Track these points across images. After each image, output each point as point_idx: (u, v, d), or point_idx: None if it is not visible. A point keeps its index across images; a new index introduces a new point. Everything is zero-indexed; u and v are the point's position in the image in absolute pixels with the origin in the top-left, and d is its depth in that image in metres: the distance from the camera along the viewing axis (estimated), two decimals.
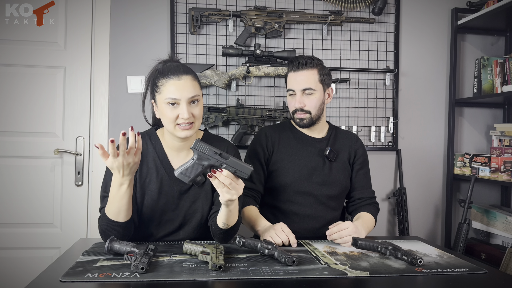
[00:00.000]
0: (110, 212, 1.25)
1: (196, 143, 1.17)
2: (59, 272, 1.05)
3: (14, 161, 2.09)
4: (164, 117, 1.31)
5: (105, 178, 1.37)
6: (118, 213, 1.24)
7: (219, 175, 1.15)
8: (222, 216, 1.26)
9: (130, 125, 1.24)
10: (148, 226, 1.39)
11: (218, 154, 1.16)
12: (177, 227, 1.41)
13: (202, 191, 1.41)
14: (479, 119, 2.45)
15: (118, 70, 2.16)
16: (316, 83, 1.60)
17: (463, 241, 2.11)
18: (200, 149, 1.17)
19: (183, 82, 1.30)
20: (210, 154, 1.16)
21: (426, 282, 1.09)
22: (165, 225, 1.40)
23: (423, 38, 2.39)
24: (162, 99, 1.30)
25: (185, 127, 1.30)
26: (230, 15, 2.15)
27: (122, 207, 1.24)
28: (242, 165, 1.16)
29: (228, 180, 1.15)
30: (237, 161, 1.16)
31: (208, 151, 1.16)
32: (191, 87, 1.30)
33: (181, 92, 1.28)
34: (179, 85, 1.29)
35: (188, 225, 1.41)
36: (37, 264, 1.97)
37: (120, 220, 1.25)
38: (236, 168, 1.16)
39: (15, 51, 2.09)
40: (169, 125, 1.31)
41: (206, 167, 1.17)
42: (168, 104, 1.29)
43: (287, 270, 1.10)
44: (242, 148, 2.10)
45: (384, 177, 2.37)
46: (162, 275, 1.04)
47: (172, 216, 1.39)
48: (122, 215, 1.25)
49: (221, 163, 1.16)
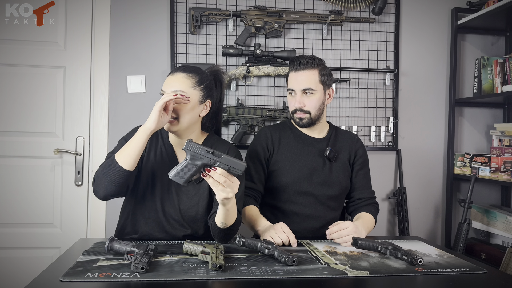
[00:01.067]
0: (121, 157, 1.29)
1: (188, 143, 1.17)
2: (59, 272, 1.05)
3: (14, 161, 2.09)
4: None
5: (114, 147, 1.43)
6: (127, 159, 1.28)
7: (213, 173, 1.15)
8: (220, 215, 1.26)
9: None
10: (147, 220, 1.41)
11: (211, 152, 1.16)
12: (174, 222, 1.42)
13: (200, 187, 1.43)
14: (479, 119, 2.45)
15: (118, 70, 2.16)
16: (316, 84, 1.60)
17: (463, 241, 2.11)
18: (192, 149, 1.17)
19: (174, 78, 1.38)
20: (202, 154, 1.16)
21: (426, 282, 1.09)
22: (163, 219, 1.41)
23: (423, 38, 2.39)
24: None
25: (168, 119, 1.34)
26: (230, 15, 2.15)
27: (134, 154, 1.28)
28: (236, 162, 1.16)
29: (222, 178, 1.15)
30: (230, 158, 1.16)
31: (200, 150, 1.16)
32: (178, 83, 1.37)
33: (167, 87, 1.37)
34: (169, 79, 1.38)
35: (184, 220, 1.42)
36: (37, 264, 1.97)
37: (125, 167, 1.28)
38: (229, 166, 1.16)
39: (15, 51, 2.09)
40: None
41: (200, 166, 1.17)
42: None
43: (287, 270, 1.10)
44: (242, 148, 2.10)
45: (384, 177, 2.37)
46: (162, 275, 1.04)
47: (171, 210, 1.41)
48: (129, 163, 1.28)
49: (214, 162, 1.16)
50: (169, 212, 1.41)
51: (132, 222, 1.44)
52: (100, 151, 2.14)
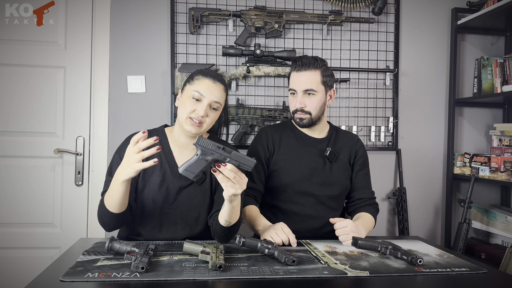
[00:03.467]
0: (107, 201, 1.30)
1: (199, 138, 1.17)
2: (59, 272, 1.05)
3: (14, 161, 2.09)
4: (182, 106, 1.39)
5: (110, 165, 1.43)
6: (112, 205, 1.29)
7: (223, 169, 1.15)
8: (224, 212, 1.26)
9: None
10: (147, 218, 1.41)
11: (221, 148, 1.17)
12: (173, 222, 1.42)
13: (201, 189, 1.43)
14: (479, 119, 2.45)
15: (118, 70, 2.16)
16: (318, 85, 1.60)
17: (463, 240, 2.11)
18: (203, 144, 1.17)
19: (216, 86, 1.40)
20: (213, 149, 1.17)
21: (426, 282, 1.09)
22: (162, 219, 1.42)
23: (423, 38, 2.39)
24: (191, 89, 1.39)
25: (195, 123, 1.36)
26: (230, 15, 2.15)
27: (118, 200, 1.27)
28: (246, 158, 1.17)
29: (232, 174, 1.15)
30: (240, 155, 1.17)
31: (211, 145, 1.17)
32: (219, 94, 1.40)
33: (209, 92, 1.38)
34: (211, 86, 1.39)
35: (185, 222, 1.43)
36: (37, 264, 1.97)
37: (113, 211, 1.29)
38: (239, 162, 1.17)
39: (15, 51, 2.09)
40: (182, 115, 1.38)
41: (210, 162, 1.18)
42: (192, 97, 1.38)
43: (287, 270, 1.10)
44: (242, 148, 2.10)
45: (384, 177, 2.37)
46: (162, 274, 1.04)
47: (169, 210, 1.41)
48: (116, 207, 1.29)
49: (224, 157, 1.17)
50: (171, 214, 1.41)
51: (133, 225, 1.44)
52: (100, 151, 2.14)
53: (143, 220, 1.42)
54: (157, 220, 1.42)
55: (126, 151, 1.19)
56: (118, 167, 1.23)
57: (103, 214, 1.32)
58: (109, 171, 1.41)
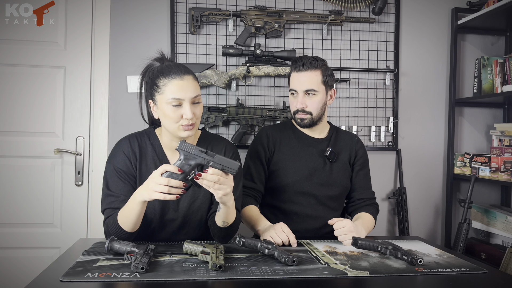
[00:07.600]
0: (122, 221, 1.26)
1: (181, 143, 1.16)
2: (59, 272, 1.05)
3: (14, 161, 2.09)
4: (167, 118, 1.29)
5: (105, 177, 1.36)
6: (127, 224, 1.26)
7: (205, 175, 1.14)
8: (220, 214, 1.26)
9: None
10: (149, 226, 1.39)
11: (204, 152, 1.16)
12: (178, 227, 1.41)
13: (201, 191, 1.41)
14: (479, 119, 2.45)
15: (118, 70, 2.16)
16: (318, 85, 1.60)
17: (463, 241, 2.11)
18: (185, 149, 1.16)
19: (186, 82, 1.28)
20: (196, 153, 1.16)
21: (426, 282, 1.09)
22: (166, 225, 1.40)
23: (423, 38, 2.39)
24: (164, 99, 1.28)
25: (188, 127, 1.29)
26: (230, 15, 2.15)
27: (133, 219, 1.25)
28: (229, 161, 1.16)
29: (215, 177, 1.14)
30: (224, 158, 1.16)
31: (193, 150, 1.16)
32: (193, 87, 1.29)
33: (184, 92, 1.27)
34: (182, 85, 1.27)
35: (189, 225, 1.41)
36: (37, 264, 1.96)
37: (129, 230, 1.27)
38: (223, 165, 1.16)
39: (15, 51, 2.09)
40: (171, 125, 1.29)
41: (194, 166, 1.17)
42: (171, 105, 1.27)
43: (287, 270, 1.10)
44: (242, 148, 2.10)
45: (384, 177, 2.37)
46: (162, 275, 1.04)
47: (173, 216, 1.39)
48: (131, 227, 1.27)
49: (208, 161, 1.16)
50: (172, 217, 1.40)
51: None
52: (100, 151, 2.14)
53: (147, 229, 1.39)
54: (163, 228, 1.40)
55: (153, 173, 1.17)
56: (138, 188, 1.22)
57: (117, 234, 1.27)
58: (105, 184, 1.35)
